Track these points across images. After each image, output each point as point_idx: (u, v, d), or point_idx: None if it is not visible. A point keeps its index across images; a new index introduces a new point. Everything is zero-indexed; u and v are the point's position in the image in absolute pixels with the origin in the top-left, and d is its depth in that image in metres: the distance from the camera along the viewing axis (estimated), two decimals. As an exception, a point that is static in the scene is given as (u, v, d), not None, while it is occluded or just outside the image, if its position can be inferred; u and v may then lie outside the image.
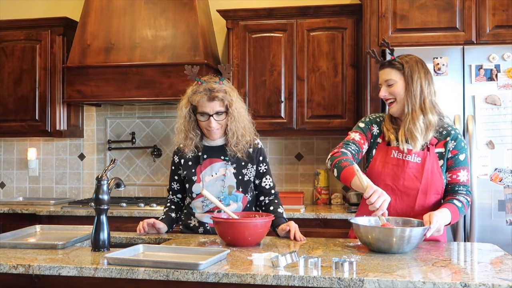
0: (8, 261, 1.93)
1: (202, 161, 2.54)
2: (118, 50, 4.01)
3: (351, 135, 2.43)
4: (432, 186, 2.30)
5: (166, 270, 1.78)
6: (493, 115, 3.22)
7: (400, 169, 2.31)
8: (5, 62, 4.29)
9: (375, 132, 2.43)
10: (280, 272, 1.73)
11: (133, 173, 4.48)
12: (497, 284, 1.59)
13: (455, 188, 2.33)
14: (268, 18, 3.98)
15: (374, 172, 2.35)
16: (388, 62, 2.38)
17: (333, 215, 3.54)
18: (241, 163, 2.53)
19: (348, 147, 2.37)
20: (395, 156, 2.33)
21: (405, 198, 2.30)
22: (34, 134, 4.32)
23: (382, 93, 2.38)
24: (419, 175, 2.29)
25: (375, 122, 2.45)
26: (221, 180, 2.51)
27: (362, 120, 2.48)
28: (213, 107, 2.43)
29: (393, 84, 2.34)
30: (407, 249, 2.04)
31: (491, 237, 3.13)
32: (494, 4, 3.36)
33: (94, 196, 2.17)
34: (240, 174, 2.52)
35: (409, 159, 2.31)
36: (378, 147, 2.40)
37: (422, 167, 2.30)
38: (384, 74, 2.38)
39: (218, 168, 2.52)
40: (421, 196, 2.30)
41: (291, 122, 3.94)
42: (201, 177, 2.52)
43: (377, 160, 2.37)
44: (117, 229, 3.35)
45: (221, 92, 2.44)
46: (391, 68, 2.35)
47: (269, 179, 2.60)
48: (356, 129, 2.45)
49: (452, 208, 2.23)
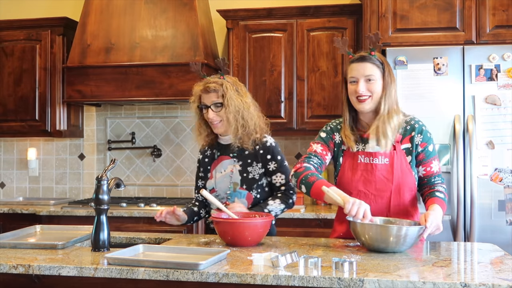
0: (8, 261, 1.93)
1: (216, 158, 2.63)
2: (118, 50, 4.01)
3: (313, 147, 2.39)
4: (404, 184, 2.28)
5: (166, 270, 1.78)
6: (493, 115, 3.22)
7: (369, 173, 2.28)
8: (5, 62, 4.29)
9: (337, 140, 2.38)
10: (280, 272, 1.73)
11: (133, 173, 4.48)
12: (497, 284, 1.59)
13: (431, 180, 2.32)
14: (268, 18, 3.98)
15: (344, 180, 2.33)
16: (369, 57, 2.27)
17: (333, 215, 3.54)
18: (247, 161, 2.56)
19: (310, 160, 2.33)
20: (363, 161, 2.30)
21: (379, 201, 2.28)
22: (34, 134, 4.32)
23: (362, 89, 2.24)
24: (390, 176, 2.27)
25: (336, 130, 2.40)
26: (228, 176, 2.56)
27: (324, 129, 2.43)
28: (209, 98, 2.51)
29: (373, 81, 2.26)
30: (403, 248, 2.03)
31: (491, 237, 3.13)
32: (494, 4, 3.37)
33: (94, 196, 2.17)
34: (245, 171, 2.55)
35: (377, 162, 2.28)
36: (344, 154, 2.36)
37: (391, 167, 2.27)
38: (365, 68, 2.26)
39: (226, 165, 2.58)
40: (395, 196, 2.28)
41: (291, 122, 3.94)
42: (213, 174, 2.60)
43: (345, 167, 2.33)
44: (117, 229, 3.35)
45: (215, 84, 2.50)
46: (372, 64, 2.27)
47: (280, 176, 2.56)
48: (318, 140, 2.41)
49: (439, 201, 2.22)
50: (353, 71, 2.28)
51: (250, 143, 2.54)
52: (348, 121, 2.35)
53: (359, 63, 2.27)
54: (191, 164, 4.39)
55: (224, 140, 2.62)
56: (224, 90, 2.49)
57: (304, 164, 2.31)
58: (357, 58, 2.29)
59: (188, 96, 3.82)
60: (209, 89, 2.50)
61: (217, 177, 2.59)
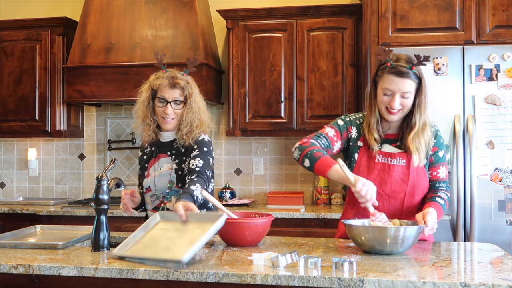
0: (8, 261, 1.93)
1: (155, 156, 2.55)
2: (118, 50, 4.01)
3: (326, 129, 2.34)
4: (418, 187, 2.29)
5: (166, 270, 1.78)
6: (493, 115, 3.22)
7: (386, 174, 2.27)
8: (5, 62, 4.29)
9: (354, 135, 2.35)
10: (280, 272, 1.73)
11: (133, 173, 4.48)
12: (497, 284, 1.59)
13: (436, 185, 2.33)
14: (268, 18, 3.98)
15: None
16: (409, 73, 2.19)
17: (333, 215, 3.54)
18: (182, 158, 2.49)
19: (319, 139, 2.28)
20: (380, 161, 2.29)
21: (392, 202, 2.28)
22: (34, 134, 4.32)
23: (397, 105, 2.20)
24: (406, 178, 2.27)
25: (355, 125, 2.36)
26: (167, 175, 2.50)
27: (342, 118, 2.39)
28: (172, 94, 2.45)
29: (408, 97, 2.22)
30: (401, 249, 2.02)
31: (491, 237, 3.13)
32: (494, 4, 3.36)
33: (94, 196, 2.17)
34: (180, 169, 2.49)
35: (395, 163, 2.27)
36: (360, 151, 2.33)
37: (407, 169, 2.27)
38: (404, 85, 2.19)
39: (163, 163, 2.52)
40: (409, 198, 2.28)
41: (291, 122, 3.94)
42: (150, 172, 2.54)
43: (361, 165, 2.31)
44: (117, 229, 3.35)
45: (183, 81, 2.46)
46: (411, 80, 2.19)
47: (199, 161, 2.38)
48: (333, 125, 2.36)
49: (436, 207, 2.22)
50: (390, 84, 2.20)
51: (190, 140, 2.47)
52: (372, 122, 2.29)
53: (399, 78, 2.19)
54: (191, 164, 4.39)
55: (165, 137, 2.54)
56: (190, 89, 2.46)
57: (311, 140, 2.26)
58: (397, 71, 2.19)
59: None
60: (176, 85, 2.44)
61: (155, 175, 2.52)
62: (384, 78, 2.23)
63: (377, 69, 2.28)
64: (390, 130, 2.33)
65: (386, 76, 2.22)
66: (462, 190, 3.19)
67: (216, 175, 4.36)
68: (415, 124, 2.24)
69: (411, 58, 2.23)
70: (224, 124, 4.36)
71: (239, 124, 4.00)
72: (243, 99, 3.99)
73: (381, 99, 2.25)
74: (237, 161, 4.36)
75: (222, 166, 4.36)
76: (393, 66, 2.20)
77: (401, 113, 2.25)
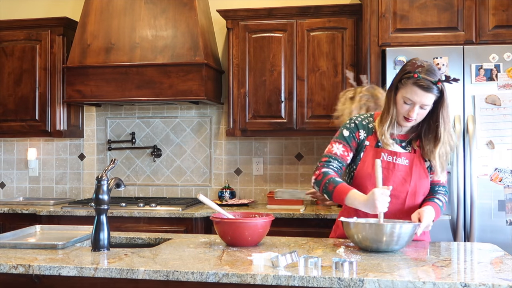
0: (8, 261, 1.93)
1: None
2: (118, 50, 4.01)
3: (333, 149, 2.34)
4: (420, 188, 2.30)
5: (166, 270, 1.78)
6: (493, 115, 3.22)
7: (390, 172, 2.29)
8: (5, 62, 4.29)
9: (362, 136, 2.35)
10: (280, 272, 1.73)
11: (133, 173, 4.48)
12: (497, 284, 1.59)
13: (435, 188, 2.35)
14: (268, 18, 3.98)
15: (362, 173, 2.31)
16: (433, 88, 2.19)
17: (333, 215, 3.54)
18: None
19: (330, 164, 2.31)
20: (385, 159, 2.30)
21: (394, 201, 2.27)
22: (34, 134, 4.32)
23: (415, 115, 2.21)
24: (408, 178, 2.29)
25: (362, 126, 2.36)
26: None
27: (347, 126, 2.38)
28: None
29: (426, 109, 2.23)
30: (397, 247, 2.04)
31: (491, 237, 3.13)
32: (494, 4, 3.36)
33: (94, 196, 2.17)
34: None
35: (399, 162, 2.29)
36: (366, 149, 2.34)
37: (410, 169, 2.29)
38: (426, 98, 2.19)
39: None
40: (410, 198, 2.30)
41: (291, 122, 3.94)
42: None
43: (366, 162, 2.32)
44: (117, 229, 3.35)
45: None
46: (433, 95, 2.19)
47: None
48: (340, 139, 2.35)
49: (435, 206, 2.24)
50: (413, 95, 2.19)
51: None
52: (387, 124, 2.28)
53: (423, 92, 2.18)
54: (191, 164, 4.39)
55: None
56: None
57: (322, 170, 2.30)
58: (422, 85, 2.18)
59: (188, 96, 3.87)
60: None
61: None
62: (407, 87, 2.21)
63: (402, 75, 2.24)
64: (401, 132, 2.34)
65: (410, 87, 2.20)
66: (462, 190, 3.19)
67: (216, 175, 4.36)
68: (440, 137, 2.26)
69: (438, 73, 2.22)
70: (224, 124, 4.36)
71: (239, 124, 4.00)
72: (243, 99, 3.99)
73: (400, 106, 2.25)
74: (237, 161, 4.36)
75: (222, 166, 4.36)
76: (419, 79, 2.19)
77: (415, 121, 2.27)
